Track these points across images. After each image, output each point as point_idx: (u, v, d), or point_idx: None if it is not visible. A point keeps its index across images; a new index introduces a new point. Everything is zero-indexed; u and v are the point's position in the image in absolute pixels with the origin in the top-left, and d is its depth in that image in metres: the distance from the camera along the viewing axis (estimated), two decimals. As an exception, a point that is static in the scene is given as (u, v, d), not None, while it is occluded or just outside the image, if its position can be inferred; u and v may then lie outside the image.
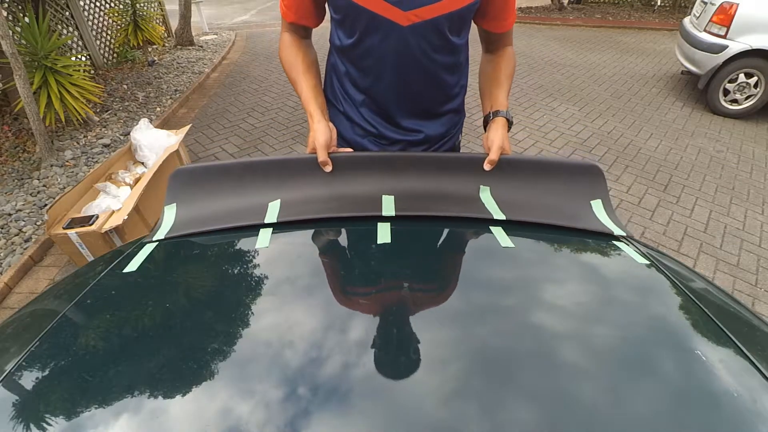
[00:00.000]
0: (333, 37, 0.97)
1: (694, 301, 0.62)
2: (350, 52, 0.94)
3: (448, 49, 0.92)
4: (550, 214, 0.80)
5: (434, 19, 0.85)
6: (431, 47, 0.90)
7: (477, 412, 0.43)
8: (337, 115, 1.06)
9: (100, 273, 0.68)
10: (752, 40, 3.68)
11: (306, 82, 0.96)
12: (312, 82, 0.97)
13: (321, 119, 0.90)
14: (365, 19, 0.85)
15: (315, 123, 0.90)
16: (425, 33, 0.87)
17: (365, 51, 0.91)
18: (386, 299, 0.62)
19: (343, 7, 0.86)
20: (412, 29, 0.86)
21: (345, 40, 0.92)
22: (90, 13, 4.70)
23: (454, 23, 0.88)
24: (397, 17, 0.84)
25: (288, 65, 0.99)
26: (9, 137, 3.33)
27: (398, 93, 0.97)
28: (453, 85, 1.02)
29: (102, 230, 2.00)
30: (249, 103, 4.23)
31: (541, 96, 4.45)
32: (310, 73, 0.98)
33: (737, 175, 3.17)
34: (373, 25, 0.86)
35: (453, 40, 0.91)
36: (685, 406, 0.45)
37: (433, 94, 1.00)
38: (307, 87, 0.95)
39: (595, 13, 8.17)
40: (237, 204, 0.81)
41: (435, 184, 0.85)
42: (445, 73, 0.97)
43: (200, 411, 0.44)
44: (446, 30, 0.88)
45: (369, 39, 0.89)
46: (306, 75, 0.97)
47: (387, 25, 0.85)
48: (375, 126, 1.02)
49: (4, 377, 0.49)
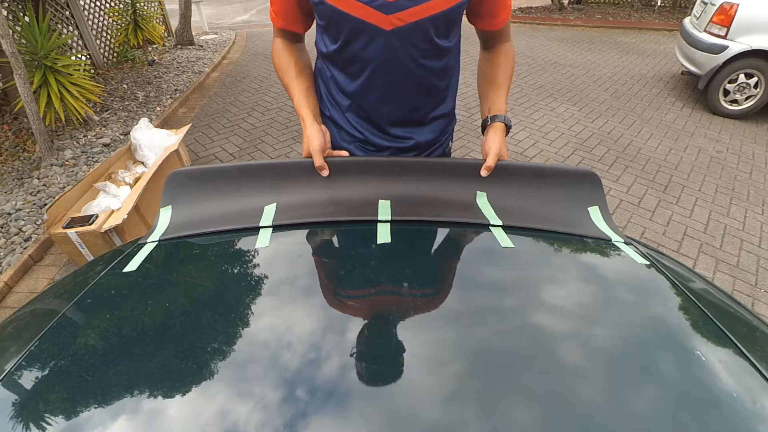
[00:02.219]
0: (319, 43, 0.96)
1: (693, 302, 0.62)
2: (336, 58, 0.92)
3: (436, 53, 0.90)
4: (546, 221, 0.80)
5: (418, 22, 0.83)
6: (418, 52, 0.88)
7: (478, 413, 0.43)
8: (324, 120, 1.04)
9: (100, 273, 0.68)
10: (752, 40, 3.68)
11: (298, 86, 0.95)
12: (304, 85, 0.96)
13: (313, 123, 0.90)
14: (349, 24, 0.84)
15: (308, 128, 0.89)
16: (410, 37, 0.85)
17: (350, 56, 0.90)
18: (386, 299, 0.62)
19: (326, 14, 0.85)
20: (397, 33, 0.84)
21: (330, 45, 0.91)
22: (90, 12, 4.70)
23: (440, 26, 0.86)
24: (380, 21, 0.82)
25: (281, 70, 0.98)
26: (9, 137, 3.33)
27: (385, 98, 0.94)
28: (442, 89, 1.00)
29: (102, 230, 2.00)
30: (249, 103, 4.23)
31: (541, 96, 4.45)
32: (302, 76, 0.97)
33: (737, 175, 3.17)
34: (356, 31, 0.84)
35: (440, 44, 0.89)
36: (686, 407, 0.45)
37: (421, 100, 0.98)
38: (299, 91, 0.95)
39: (596, 14, 8.17)
40: (232, 207, 0.82)
41: (431, 189, 0.85)
42: (433, 77, 0.94)
43: (199, 410, 0.44)
44: (432, 33, 0.86)
45: (353, 44, 0.87)
46: (298, 79, 0.96)
47: (371, 30, 0.84)
48: (362, 132, 1.00)
49: (4, 377, 0.49)
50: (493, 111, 0.97)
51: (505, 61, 1.01)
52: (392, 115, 0.98)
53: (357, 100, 0.97)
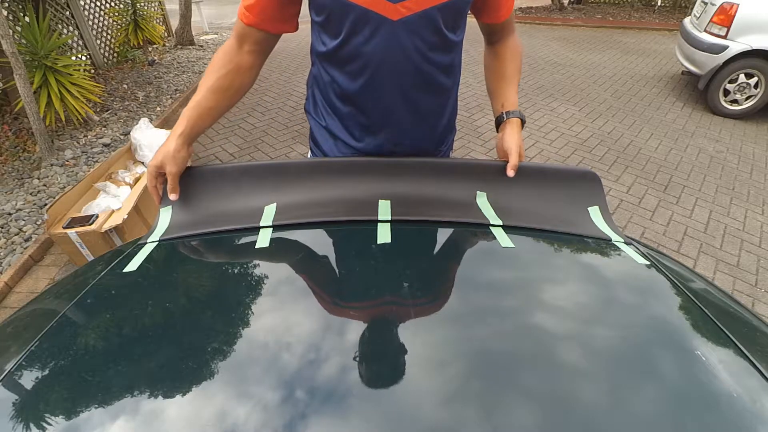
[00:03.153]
0: (315, 44, 0.89)
1: (694, 302, 0.62)
2: (335, 56, 0.86)
3: (443, 46, 0.85)
4: (547, 221, 0.80)
5: (426, 11, 0.78)
6: (426, 45, 0.83)
7: (479, 413, 0.43)
8: (320, 130, 0.99)
9: (100, 273, 0.68)
10: (753, 40, 3.68)
11: (204, 100, 0.86)
12: (208, 103, 0.86)
13: (177, 138, 0.83)
14: (352, 15, 0.78)
15: (167, 141, 0.83)
16: (418, 28, 0.80)
17: (352, 52, 0.83)
18: (386, 300, 0.62)
19: (327, 6, 0.79)
20: (404, 24, 0.79)
21: (330, 42, 0.85)
22: (90, 12, 4.69)
23: (449, 16, 0.82)
24: (386, 11, 0.77)
25: (206, 70, 0.88)
26: (9, 137, 3.33)
27: (388, 98, 0.88)
28: (448, 88, 0.94)
29: (102, 230, 2.00)
30: (249, 103, 4.23)
31: (541, 96, 4.45)
32: (211, 95, 0.86)
33: (737, 175, 3.17)
34: (360, 22, 0.79)
35: (449, 37, 0.85)
36: (686, 407, 0.45)
37: (425, 99, 0.91)
38: (195, 101, 0.86)
39: (596, 13, 8.17)
40: (232, 207, 0.82)
41: (431, 189, 0.85)
42: (440, 74, 0.89)
43: (200, 410, 0.44)
44: (441, 24, 0.81)
45: (356, 38, 0.81)
46: (213, 95, 0.86)
47: (376, 20, 0.78)
48: (360, 140, 0.95)
49: (4, 377, 0.49)
50: (507, 106, 0.95)
51: (512, 55, 0.98)
52: (395, 118, 0.91)
53: (358, 103, 0.90)
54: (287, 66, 5.23)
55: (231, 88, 0.89)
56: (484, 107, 4.13)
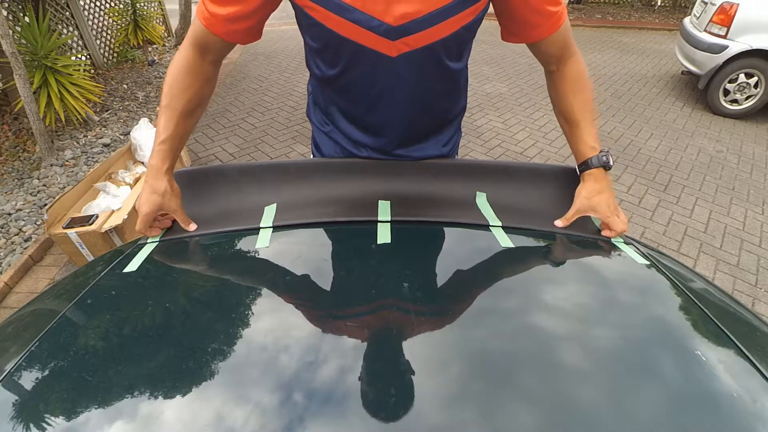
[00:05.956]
0: (311, 65, 0.84)
1: (694, 302, 0.62)
2: (334, 83, 0.83)
3: (446, 76, 0.81)
4: (546, 221, 0.80)
5: (428, 47, 0.73)
6: (426, 76, 0.78)
7: (479, 413, 0.43)
8: (321, 136, 0.96)
9: (100, 273, 0.68)
10: (752, 40, 3.68)
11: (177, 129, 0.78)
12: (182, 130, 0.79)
13: (164, 174, 0.76)
14: (349, 50, 0.74)
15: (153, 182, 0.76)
16: (419, 61, 0.75)
17: (351, 82, 0.80)
18: (386, 300, 0.62)
19: (321, 36, 0.74)
20: (404, 59, 0.74)
21: (327, 70, 0.80)
22: (90, 12, 4.69)
23: (452, 47, 0.76)
24: (384, 48, 0.73)
25: (170, 92, 0.77)
26: (9, 137, 3.33)
27: (391, 122, 0.85)
28: (451, 109, 0.92)
29: (102, 230, 2.00)
30: (249, 103, 4.23)
31: (541, 96, 4.44)
32: (189, 118, 0.80)
33: (737, 175, 3.17)
34: (358, 57, 0.75)
35: (451, 66, 0.79)
36: (686, 407, 0.45)
37: (428, 121, 0.89)
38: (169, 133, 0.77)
39: (595, 13, 8.17)
40: (233, 207, 0.82)
41: (431, 190, 0.85)
42: (442, 99, 0.86)
43: (199, 411, 0.44)
44: (443, 56, 0.76)
45: (354, 70, 0.77)
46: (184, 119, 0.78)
47: (374, 57, 0.74)
48: (363, 149, 0.92)
49: (4, 377, 0.49)
50: (583, 153, 0.81)
51: (575, 89, 0.82)
52: (398, 136, 0.88)
53: (358, 121, 0.88)
54: (287, 66, 5.23)
55: (201, 106, 0.82)
56: (484, 107, 4.14)
